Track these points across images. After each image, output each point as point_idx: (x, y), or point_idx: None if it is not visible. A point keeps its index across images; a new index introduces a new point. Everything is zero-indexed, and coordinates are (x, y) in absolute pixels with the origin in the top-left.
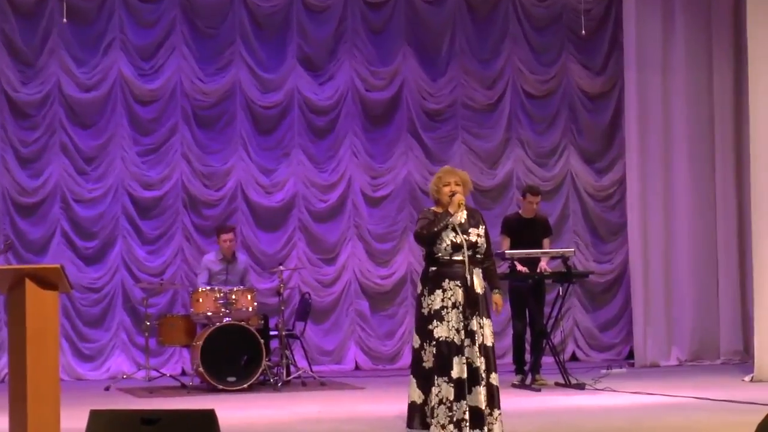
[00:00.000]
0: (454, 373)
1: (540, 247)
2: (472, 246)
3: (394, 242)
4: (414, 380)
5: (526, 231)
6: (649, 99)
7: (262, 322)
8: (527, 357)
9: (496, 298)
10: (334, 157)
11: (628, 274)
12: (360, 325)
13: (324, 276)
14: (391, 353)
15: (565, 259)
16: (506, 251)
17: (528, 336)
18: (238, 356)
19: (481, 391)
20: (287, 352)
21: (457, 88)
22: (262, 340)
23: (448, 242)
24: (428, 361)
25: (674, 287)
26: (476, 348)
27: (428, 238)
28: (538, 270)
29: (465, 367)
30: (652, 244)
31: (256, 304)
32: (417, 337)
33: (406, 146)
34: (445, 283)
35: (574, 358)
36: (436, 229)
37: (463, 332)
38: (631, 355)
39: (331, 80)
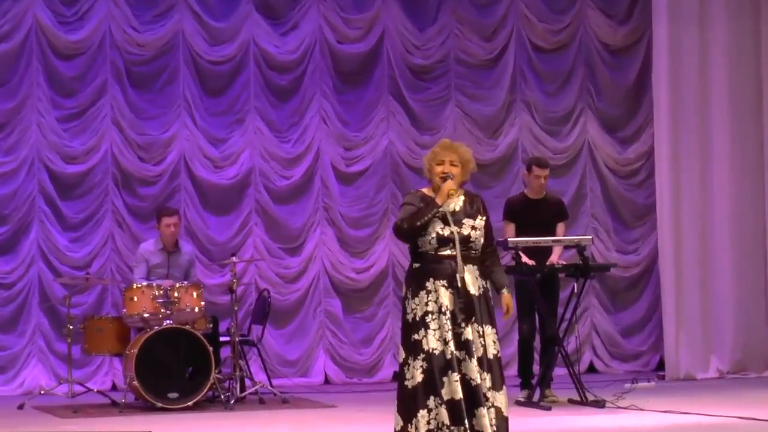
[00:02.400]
0: (445, 394)
1: (551, 233)
2: (464, 240)
3: (372, 228)
4: (396, 403)
5: (533, 214)
6: (683, 53)
7: (211, 325)
8: (535, 368)
9: (506, 299)
10: (298, 124)
11: (658, 267)
12: (330, 329)
13: (286, 269)
14: (369, 364)
15: (581, 248)
16: (509, 239)
17: (536, 342)
18: (182, 367)
19: (486, 414)
20: (241, 363)
21: (449, 39)
22: (210, 348)
23: (434, 234)
24: (411, 380)
25: (713, 283)
26: (474, 362)
27: (410, 233)
28: (548, 262)
29: (459, 386)
30: (686, 230)
31: (203, 303)
32: (402, 349)
33: (387, 111)
34: (429, 283)
35: (591, 369)
36: (419, 223)
37: (453, 343)
38: (661, 365)
39: (294, 30)
